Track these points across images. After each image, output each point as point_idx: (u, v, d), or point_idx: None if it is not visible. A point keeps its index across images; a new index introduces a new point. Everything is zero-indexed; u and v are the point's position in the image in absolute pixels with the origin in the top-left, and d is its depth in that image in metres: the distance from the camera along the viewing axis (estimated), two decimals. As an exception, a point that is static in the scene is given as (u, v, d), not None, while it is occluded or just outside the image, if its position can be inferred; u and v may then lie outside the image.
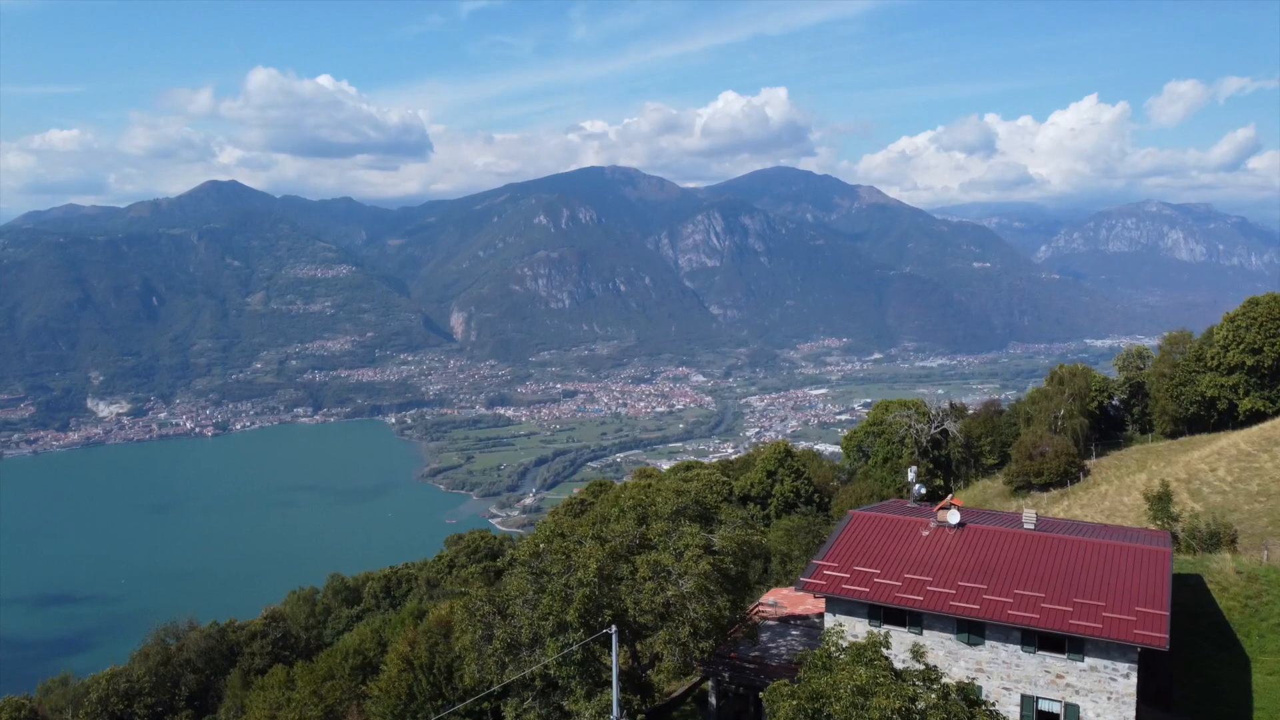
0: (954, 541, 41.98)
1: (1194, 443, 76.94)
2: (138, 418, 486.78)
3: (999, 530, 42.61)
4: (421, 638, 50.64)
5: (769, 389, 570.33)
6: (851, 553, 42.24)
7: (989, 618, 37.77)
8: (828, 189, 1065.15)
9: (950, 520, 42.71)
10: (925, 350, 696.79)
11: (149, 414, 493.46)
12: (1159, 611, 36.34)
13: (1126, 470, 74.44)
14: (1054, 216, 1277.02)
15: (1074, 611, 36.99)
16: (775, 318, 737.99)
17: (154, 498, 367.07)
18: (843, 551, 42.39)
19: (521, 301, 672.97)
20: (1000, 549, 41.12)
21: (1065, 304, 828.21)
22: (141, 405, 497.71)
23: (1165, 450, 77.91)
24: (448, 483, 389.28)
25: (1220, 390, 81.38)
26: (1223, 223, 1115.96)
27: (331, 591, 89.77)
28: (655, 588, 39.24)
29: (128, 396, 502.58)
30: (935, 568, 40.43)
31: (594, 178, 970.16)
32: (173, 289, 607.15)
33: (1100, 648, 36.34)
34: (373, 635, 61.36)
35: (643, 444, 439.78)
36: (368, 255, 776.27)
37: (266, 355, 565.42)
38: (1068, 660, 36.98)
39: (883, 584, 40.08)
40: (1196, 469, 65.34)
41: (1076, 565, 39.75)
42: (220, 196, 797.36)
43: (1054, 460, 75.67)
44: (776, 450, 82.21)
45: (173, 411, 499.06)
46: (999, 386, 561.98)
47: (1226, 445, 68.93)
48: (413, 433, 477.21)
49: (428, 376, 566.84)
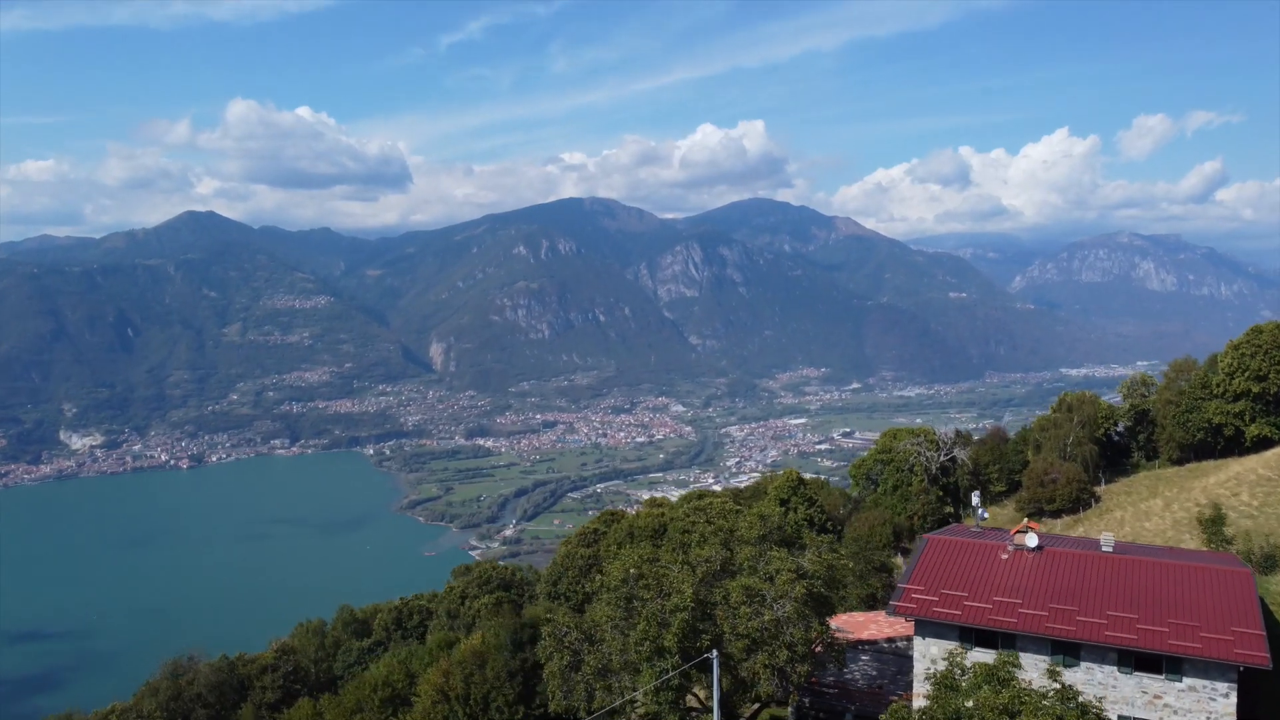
0: (1034, 564, 41.97)
1: (1202, 469, 77.50)
2: (111, 450, 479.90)
3: (1079, 553, 42.67)
4: (456, 668, 50.23)
5: (748, 419, 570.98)
6: (935, 576, 42.14)
7: (1085, 639, 37.71)
8: (805, 220, 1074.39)
9: (1028, 543, 42.76)
10: (903, 380, 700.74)
11: (123, 446, 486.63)
12: (1255, 631, 36.47)
13: (1139, 496, 74.96)
14: (1028, 247, 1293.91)
15: (1170, 632, 37.01)
16: (754, 348, 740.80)
17: (127, 531, 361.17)
18: (926, 575, 42.22)
19: (501, 332, 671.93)
20: (1082, 571, 41.15)
21: (1040, 334, 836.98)
22: (115, 437, 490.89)
23: (1174, 477, 78.48)
24: (427, 514, 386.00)
25: (1227, 417, 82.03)
26: (1192, 253, 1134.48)
27: (341, 624, 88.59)
28: (751, 612, 38.95)
29: (101, 428, 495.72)
30: (1021, 590, 40.41)
31: (573, 209, 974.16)
32: (148, 320, 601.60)
33: (1199, 668, 36.35)
34: (400, 667, 60.73)
35: (623, 474, 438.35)
36: (346, 286, 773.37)
37: (243, 386, 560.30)
38: (1165, 681, 36.96)
39: (973, 606, 40.03)
40: (1216, 494, 65.76)
41: (1162, 587, 39.74)
42: (197, 227, 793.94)
43: (1065, 487, 76.08)
44: (789, 479, 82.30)
45: (147, 444, 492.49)
46: (976, 415, 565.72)
47: (1243, 471, 69.42)
48: (391, 464, 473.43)
49: (406, 407, 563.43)
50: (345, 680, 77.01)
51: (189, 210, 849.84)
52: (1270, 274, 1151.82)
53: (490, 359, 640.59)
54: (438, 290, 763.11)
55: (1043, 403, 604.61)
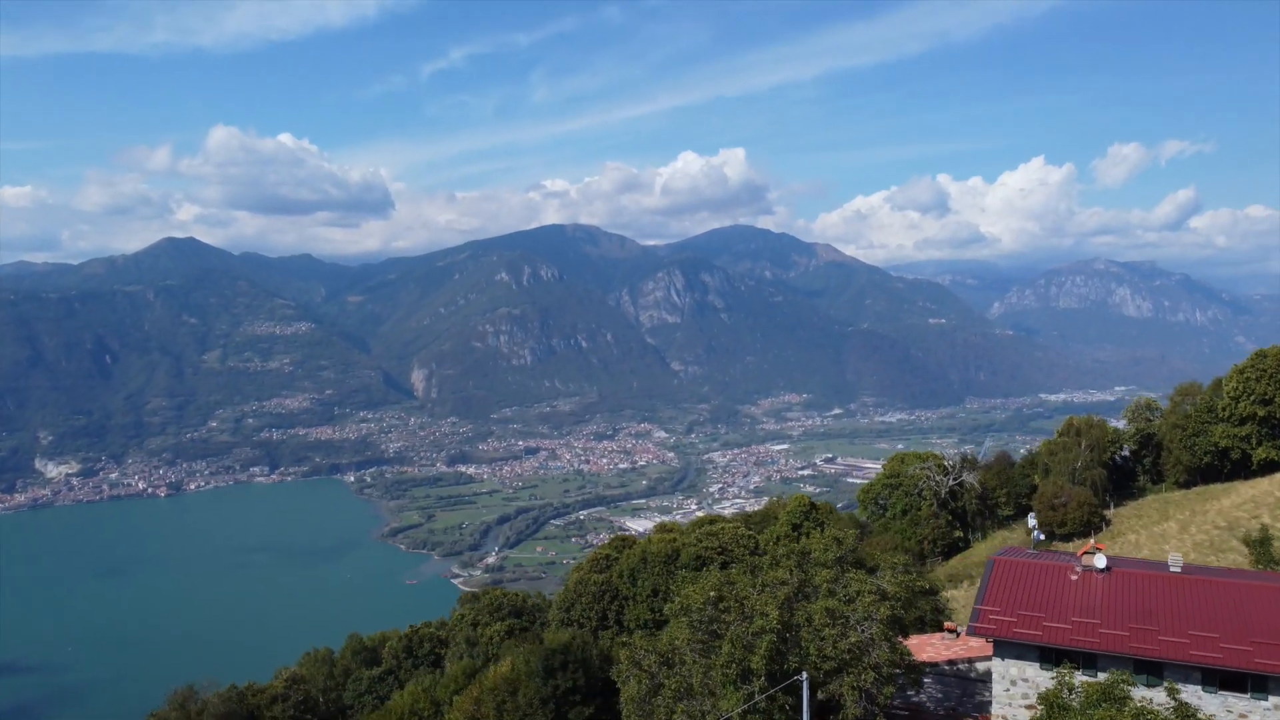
0: (1105, 585, 41.90)
1: (1210, 492, 77.76)
2: (88, 478, 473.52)
3: (1149, 574, 42.66)
4: (487, 696, 49.80)
5: (731, 445, 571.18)
6: (1007, 598, 41.96)
7: (1169, 658, 37.45)
8: (785, 247, 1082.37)
9: (1097, 564, 42.67)
10: (884, 405, 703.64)
11: (100, 474, 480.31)
12: None
13: (1150, 520, 75.11)
14: (1006, 274, 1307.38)
15: (1255, 650, 36.75)
16: (736, 374, 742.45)
17: (103, 561, 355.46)
18: (998, 596, 41.99)
19: (483, 358, 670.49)
20: (1154, 592, 41.13)
21: (1019, 359, 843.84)
22: (92, 465, 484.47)
23: (1183, 500, 78.77)
24: (408, 542, 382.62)
25: (1233, 440, 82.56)
26: (1167, 280, 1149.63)
27: (350, 652, 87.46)
28: (836, 634, 38.67)
29: (78, 456, 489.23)
30: (1096, 610, 40.32)
31: (555, 235, 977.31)
32: (127, 347, 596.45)
33: (1286, 686, 36.44)
34: (424, 695, 60.07)
35: (606, 501, 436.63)
36: (327, 312, 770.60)
37: (222, 414, 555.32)
38: (1251, 700, 36.75)
39: (1053, 627, 39.79)
40: (1235, 516, 65.94)
41: (1238, 606, 39.60)
42: (177, 253, 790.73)
43: (1076, 510, 76.27)
44: (800, 503, 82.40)
45: (124, 472, 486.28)
46: (958, 441, 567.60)
47: (1259, 494, 69.65)
48: (372, 491, 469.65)
49: (388, 434, 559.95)
50: (356, 710, 75.88)
51: (169, 237, 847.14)
52: (1244, 300, 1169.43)
53: (472, 385, 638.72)
54: (419, 316, 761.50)
55: (1023, 428, 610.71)
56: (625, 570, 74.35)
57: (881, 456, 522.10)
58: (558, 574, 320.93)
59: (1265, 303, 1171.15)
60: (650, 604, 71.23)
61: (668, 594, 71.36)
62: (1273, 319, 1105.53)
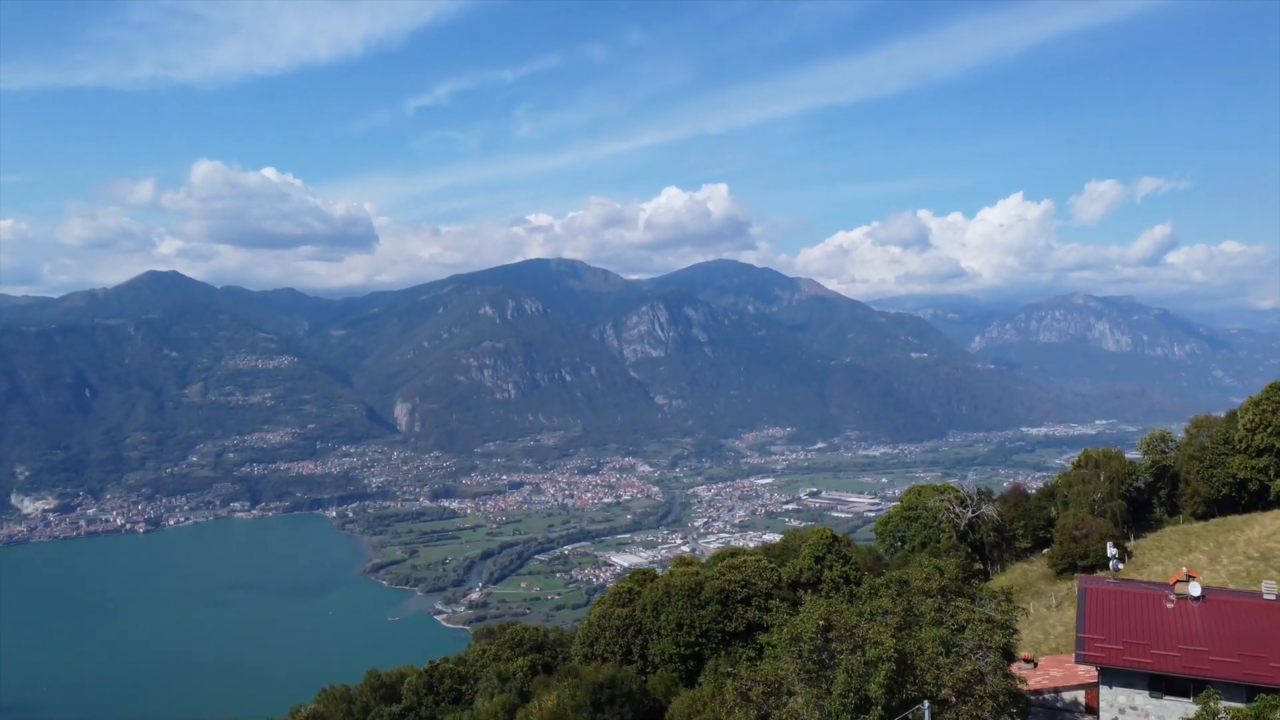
0: (1202, 613, 41.85)
1: (1229, 524, 77.94)
2: (65, 514, 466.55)
3: (1245, 601, 42.72)
4: None
5: (715, 479, 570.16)
6: (1108, 625, 41.86)
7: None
8: (768, 281, 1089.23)
9: (1192, 592, 42.77)
10: (868, 439, 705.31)
11: (77, 510, 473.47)
12: None
13: (1172, 551, 75.03)
14: (986, 308, 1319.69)
15: None
16: (720, 407, 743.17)
17: (80, 598, 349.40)
18: (1098, 624, 41.87)
19: (466, 392, 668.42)
20: (1253, 619, 41.07)
21: (1001, 393, 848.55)
22: (70, 501, 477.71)
23: (1203, 531, 78.69)
24: (391, 578, 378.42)
25: (1251, 472, 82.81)
26: (1145, 314, 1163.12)
27: (369, 689, 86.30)
28: (951, 662, 38.38)
29: (55, 492, 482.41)
30: (1199, 637, 40.26)
31: (539, 269, 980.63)
32: (106, 381, 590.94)
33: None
34: None
35: (591, 536, 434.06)
36: (310, 346, 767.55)
37: (203, 448, 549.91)
38: None
39: (1163, 654, 39.77)
40: (1266, 547, 66.16)
41: None
42: (159, 287, 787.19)
43: (1098, 542, 76.28)
44: (822, 536, 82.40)
45: (102, 507, 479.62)
46: (941, 475, 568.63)
47: None
48: (354, 527, 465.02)
49: (370, 469, 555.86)
50: None
51: (151, 270, 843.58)
52: (1221, 335, 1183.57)
53: (455, 419, 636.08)
54: (403, 350, 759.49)
55: (1005, 461, 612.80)
56: (648, 604, 74.07)
57: (866, 490, 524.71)
58: (542, 610, 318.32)
59: (1242, 337, 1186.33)
60: (675, 638, 71.10)
61: (692, 627, 71.29)
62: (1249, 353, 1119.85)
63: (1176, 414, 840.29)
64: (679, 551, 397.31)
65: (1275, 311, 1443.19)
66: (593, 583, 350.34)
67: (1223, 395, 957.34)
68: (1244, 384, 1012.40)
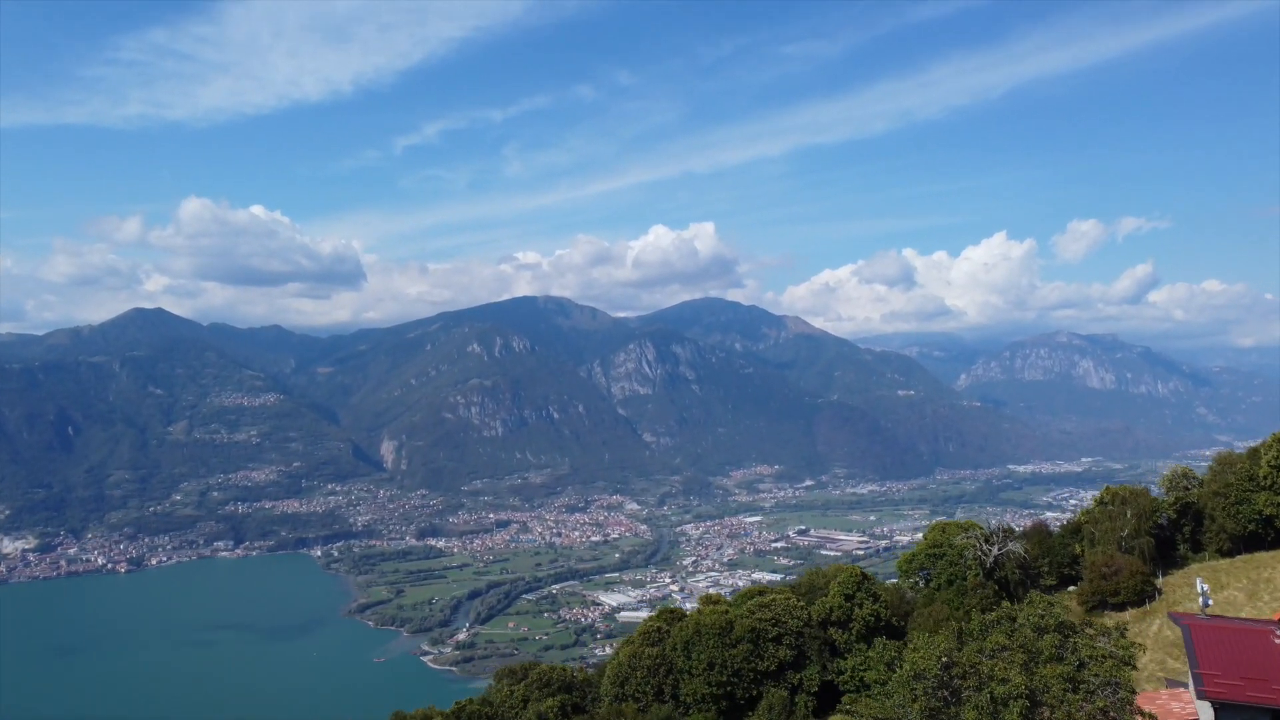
0: None
1: (1258, 560, 78.37)
2: (45, 553, 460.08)
3: None
4: None
5: (703, 517, 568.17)
6: (1221, 661, 41.52)
7: None
8: (755, 319, 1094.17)
9: None
10: (855, 477, 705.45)
11: (58, 549, 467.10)
12: None
13: None
14: (971, 346, 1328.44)
15: None
16: (708, 445, 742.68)
17: (59, 639, 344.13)
18: (1211, 660, 41.48)
19: (454, 430, 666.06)
20: None
21: (987, 430, 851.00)
22: (50, 540, 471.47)
23: (1231, 568, 78.59)
24: (377, 618, 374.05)
25: (1277, 509, 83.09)
26: (1129, 352, 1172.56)
27: None
28: (1080, 698, 38.12)
29: (35, 531, 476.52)
30: None
31: (527, 307, 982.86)
32: (90, 418, 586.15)
33: None
34: None
35: (579, 574, 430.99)
36: (296, 383, 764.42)
37: (187, 486, 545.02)
38: None
39: None
40: None
41: None
42: (145, 324, 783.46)
43: (1129, 579, 76.14)
44: (851, 574, 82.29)
45: (83, 546, 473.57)
46: (929, 512, 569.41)
47: None
48: (340, 566, 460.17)
49: (356, 507, 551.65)
50: None
51: (136, 307, 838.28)
52: (1203, 373, 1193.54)
53: (442, 457, 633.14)
54: (390, 388, 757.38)
55: (993, 499, 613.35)
56: (679, 643, 73.85)
57: (854, 528, 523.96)
58: (531, 650, 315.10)
59: (1224, 375, 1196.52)
60: (707, 677, 70.68)
61: (724, 666, 70.86)
62: (1232, 391, 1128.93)
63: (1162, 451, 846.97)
64: (668, 590, 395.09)
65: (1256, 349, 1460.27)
66: (581, 622, 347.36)
67: (1207, 433, 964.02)
68: (1228, 421, 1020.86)
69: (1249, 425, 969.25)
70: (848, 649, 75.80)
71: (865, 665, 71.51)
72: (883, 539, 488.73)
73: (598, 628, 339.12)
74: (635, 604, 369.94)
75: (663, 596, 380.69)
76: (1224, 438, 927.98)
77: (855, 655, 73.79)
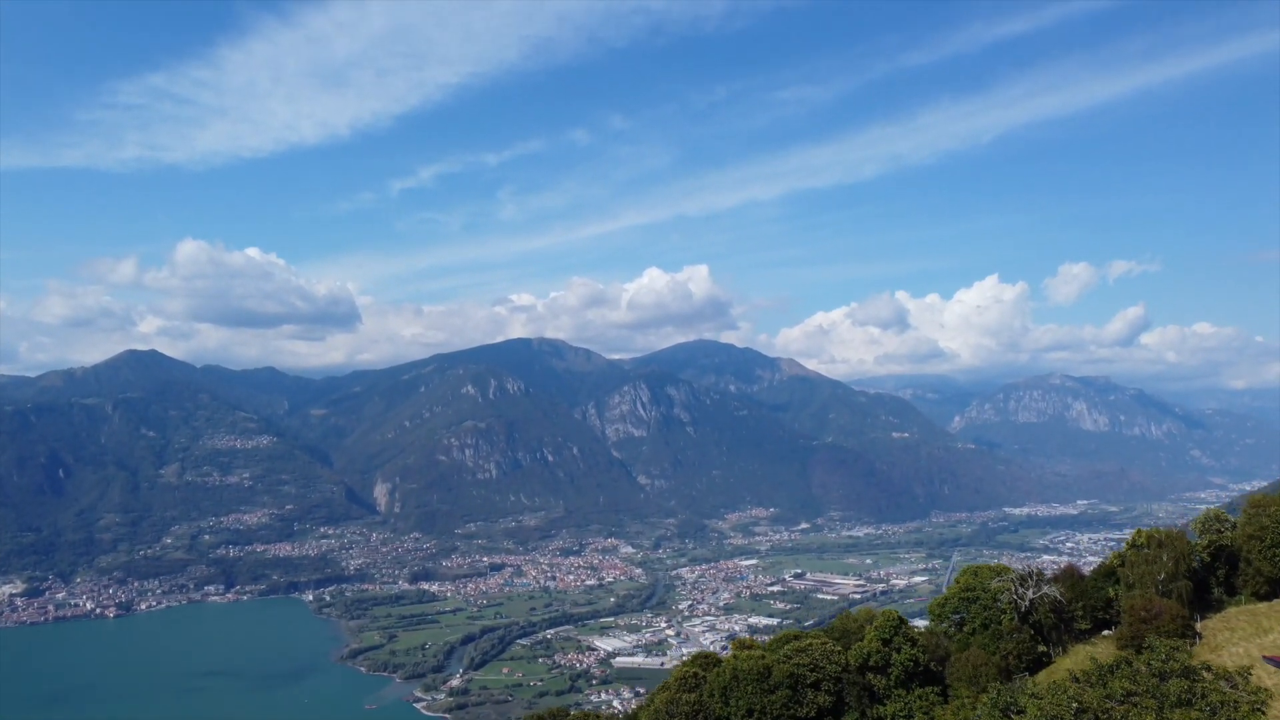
0: None
1: None
2: (33, 598, 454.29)
3: None
4: None
5: (699, 560, 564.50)
6: None
7: None
8: (749, 361, 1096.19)
9: None
10: (851, 519, 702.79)
11: (46, 594, 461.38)
12: None
13: (1244, 633, 73.92)
14: (965, 388, 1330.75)
15: None
16: (702, 487, 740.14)
17: (46, 687, 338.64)
18: None
19: (447, 472, 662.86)
20: None
21: (982, 473, 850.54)
22: (38, 585, 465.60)
23: (1270, 612, 77.72)
24: (369, 664, 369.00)
25: None
26: (1122, 394, 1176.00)
27: None
28: None
29: (23, 575, 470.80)
30: None
31: (521, 349, 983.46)
32: (81, 461, 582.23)
33: None
34: None
35: (573, 619, 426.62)
36: (290, 425, 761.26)
37: (178, 529, 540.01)
38: None
39: None
40: None
41: None
42: (138, 366, 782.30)
43: (1169, 623, 75.67)
44: (889, 618, 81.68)
45: (72, 591, 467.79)
46: (926, 555, 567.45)
47: None
48: (332, 611, 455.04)
49: (349, 550, 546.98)
50: None
51: (130, 349, 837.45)
52: (1196, 415, 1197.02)
53: (436, 499, 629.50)
54: (384, 430, 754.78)
55: (989, 542, 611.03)
56: (716, 689, 73.24)
57: (851, 572, 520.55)
58: (525, 696, 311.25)
59: (1217, 417, 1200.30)
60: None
61: (764, 713, 70.16)
62: (1225, 433, 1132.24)
63: (1157, 494, 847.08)
64: (664, 635, 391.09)
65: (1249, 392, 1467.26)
66: (576, 668, 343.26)
67: (1202, 475, 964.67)
68: (1222, 464, 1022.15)
69: (1243, 468, 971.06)
70: (887, 695, 75.22)
71: (907, 712, 71.02)
72: (879, 583, 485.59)
73: (593, 673, 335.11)
74: (631, 649, 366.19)
75: (658, 641, 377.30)
76: (1219, 480, 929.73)
77: (895, 701, 73.19)
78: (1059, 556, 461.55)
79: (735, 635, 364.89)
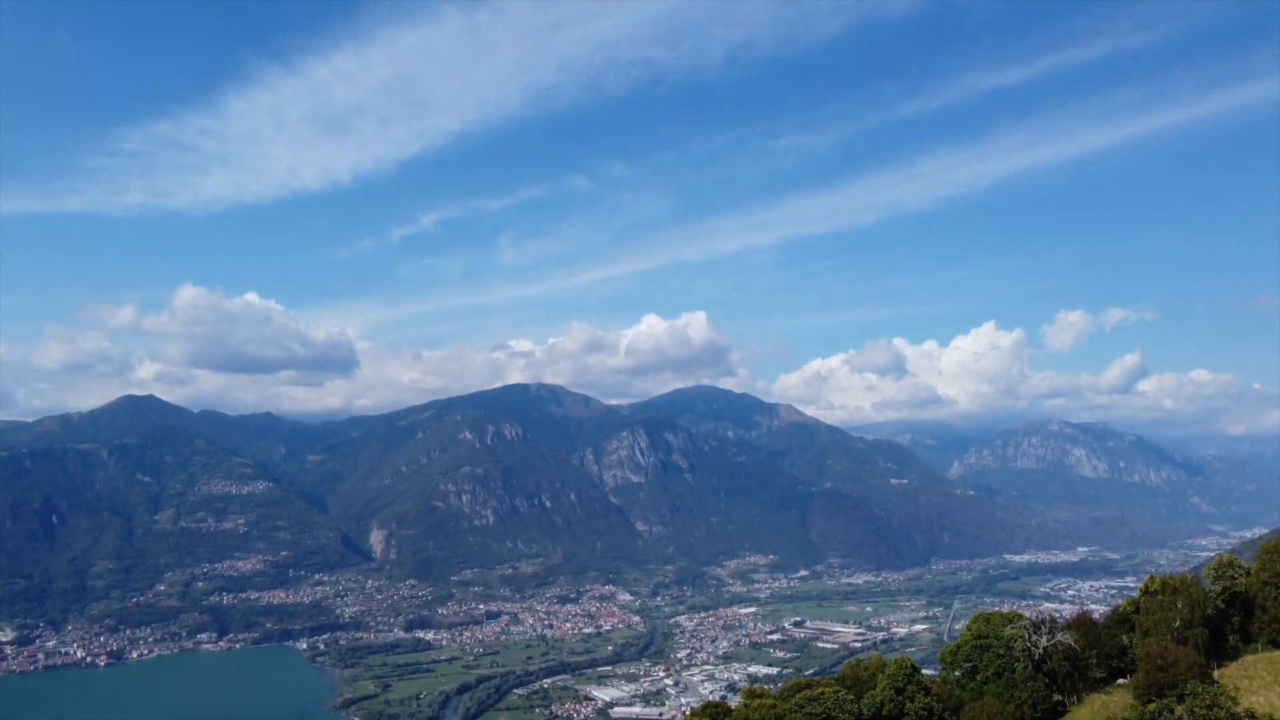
0: None
1: None
2: (23, 646, 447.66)
3: None
4: None
5: (697, 608, 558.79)
6: None
7: None
8: (747, 407, 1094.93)
9: None
10: (850, 567, 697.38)
11: (36, 642, 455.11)
12: None
13: (1264, 681, 72.36)
14: (964, 435, 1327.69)
15: None
16: (701, 534, 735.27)
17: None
18: None
19: (444, 518, 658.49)
20: None
21: (982, 520, 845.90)
22: (29, 633, 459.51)
23: None
24: (363, 715, 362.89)
25: None
26: (1120, 441, 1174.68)
27: None
28: None
29: (14, 623, 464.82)
30: None
31: (519, 395, 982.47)
32: (75, 507, 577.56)
33: None
34: None
35: (571, 668, 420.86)
36: (286, 471, 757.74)
37: (171, 576, 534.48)
38: None
39: None
40: None
41: None
42: (135, 411, 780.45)
43: (1186, 671, 74.73)
44: (901, 666, 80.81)
45: (63, 639, 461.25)
46: (926, 603, 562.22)
47: None
48: (325, 659, 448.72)
49: (344, 598, 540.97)
50: None
51: (128, 394, 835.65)
52: (1195, 461, 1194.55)
53: (432, 546, 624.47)
54: (380, 476, 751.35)
55: (990, 589, 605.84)
56: None
57: (851, 619, 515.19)
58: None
59: (1216, 463, 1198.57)
60: None
61: None
62: (1225, 480, 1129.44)
63: (1158, 541, 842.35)
64: (662, 684, 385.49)
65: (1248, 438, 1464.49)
66: (574, 718, 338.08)
67: (1202, 522, 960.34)
68: (1222, 511, 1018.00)
69: (1244, 514, 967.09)
70: None
71: None
72: (880, 630, 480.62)
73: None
74: (629, 699, 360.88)
75: (656, 691, 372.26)
76: (1220, 527, 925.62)
77: None
78: (1061, 604, 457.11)
79: (735, 685, 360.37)
